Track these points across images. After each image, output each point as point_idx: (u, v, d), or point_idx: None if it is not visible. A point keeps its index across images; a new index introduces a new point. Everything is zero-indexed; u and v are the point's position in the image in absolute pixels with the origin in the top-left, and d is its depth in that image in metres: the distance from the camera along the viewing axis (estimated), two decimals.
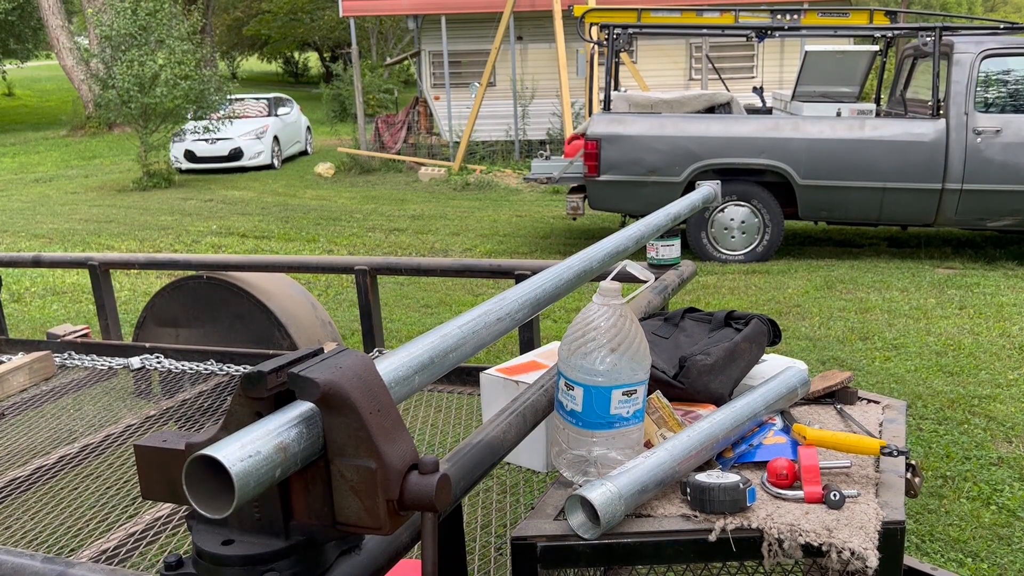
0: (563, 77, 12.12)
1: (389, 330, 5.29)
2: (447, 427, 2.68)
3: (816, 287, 6.41)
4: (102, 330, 3.44)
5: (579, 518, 1.26)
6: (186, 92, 13.18)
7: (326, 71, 30.98)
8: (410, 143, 15.47)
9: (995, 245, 7.85)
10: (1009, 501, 3.15)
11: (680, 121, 7.37)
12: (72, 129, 21.96)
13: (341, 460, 0.86)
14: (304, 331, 3.18)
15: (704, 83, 13.31)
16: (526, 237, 8.78)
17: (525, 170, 11.70)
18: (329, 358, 0.89)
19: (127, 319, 5.22)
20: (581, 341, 1.33)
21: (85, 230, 9.74)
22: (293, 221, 10.05)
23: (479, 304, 1.33)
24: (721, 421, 1.44)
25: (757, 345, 1.72)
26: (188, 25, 13.76)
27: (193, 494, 0.79)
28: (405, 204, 11.09)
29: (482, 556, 2.30)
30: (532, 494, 2.63)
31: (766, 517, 1.27)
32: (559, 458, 1.41)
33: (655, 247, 2.39)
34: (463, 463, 1.24)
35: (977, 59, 6.84)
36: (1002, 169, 6.79)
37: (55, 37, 21.16)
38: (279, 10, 31.48)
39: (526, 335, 2.75)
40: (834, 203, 7.20)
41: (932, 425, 3.85)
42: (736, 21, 7.82)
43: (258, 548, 0.87)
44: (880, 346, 4.99)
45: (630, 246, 1.97)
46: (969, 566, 2.75)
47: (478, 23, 14.42)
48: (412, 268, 3.11)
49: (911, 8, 23.68)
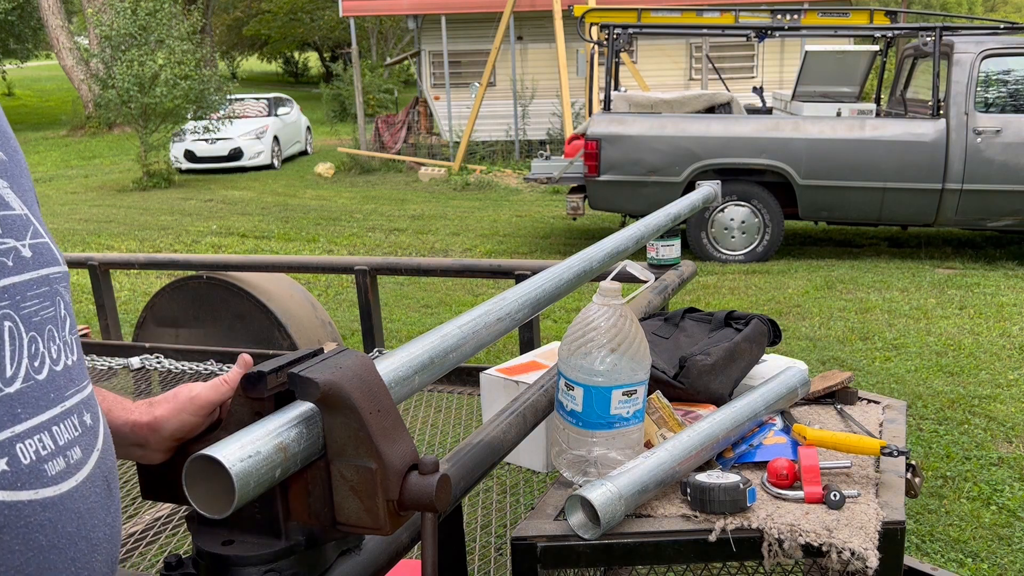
0: (563, 77, 12.12)
1: (389, 330, 5.29)
2: (447, 427, 2.68)
3: (816, 287, 6.41)
4: (102, 330, 3.44)
5: (579, 518, 1.26)
6: (186, 92, 13.17)
7: (326, 71, 30.98)
8: (410, 143, 15.47)
9: (995, 245, 7.85)
10: (1009, 501, 3.15)
11: (680, 121, 7.37)
12: (72, 129, 21.96)
13: (341, 460, 0.86)
14: (304, 331, 3.18)
15: (704, 83, 13.31)
16: (526, 237, 8.78)
17: (525, 170, 11.70)
18: (329, 358, 0.89)
19: (127, 319, 5.22)
20: (581, 341, 1.33)
21: (85, 230, 9.74)
22: (293, 221, 10.04)
23: (479, 304, 1.33)
24: (721, 421, 1.44)
25: (757, 345, 1.72)
26: (188, 25, 13.76)
27: (193, 494, 0.79)
28: (405, 204, 11.09)
29: (482, 556, 2.30)
30: (532, 494, 2.63)
31: (766, 517, 1.27)
32: (559, 458, 1.41)
33: (655, 247, 2.39)
34: (463, 463, 1.24)
35: (977, 59, 6.84)
36: (1002, 169, 6.79)
37: (55, 37, 21.15)
38: (279, 10, 31.47)
39: (526, 335, 2.75)
40: (834, 203, 7.20)
41: (932, 425, 3.85)
42: (736, 21, 7.82)
43: (258, 548, 0.87)
44: (880, 346, 4.99)
45: (630, 246, 1.97)
46: (969, 566, 2.75)
47: (478, 23, 14.42)
48: (412, 268, 3.11)
49: (911, 8, 23.67)
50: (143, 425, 0.94)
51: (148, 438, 0.95)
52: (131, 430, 0.94)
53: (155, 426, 0.95)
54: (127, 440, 0.94)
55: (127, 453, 0.95)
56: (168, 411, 0.96)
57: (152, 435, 0.95)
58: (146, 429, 0.94)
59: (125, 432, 0.93)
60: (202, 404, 0.96)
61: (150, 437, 0.95)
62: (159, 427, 0.95)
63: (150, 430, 0.94)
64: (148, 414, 0.95)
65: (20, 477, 0.66)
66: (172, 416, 0.95)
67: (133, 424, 0.94)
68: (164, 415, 0.95)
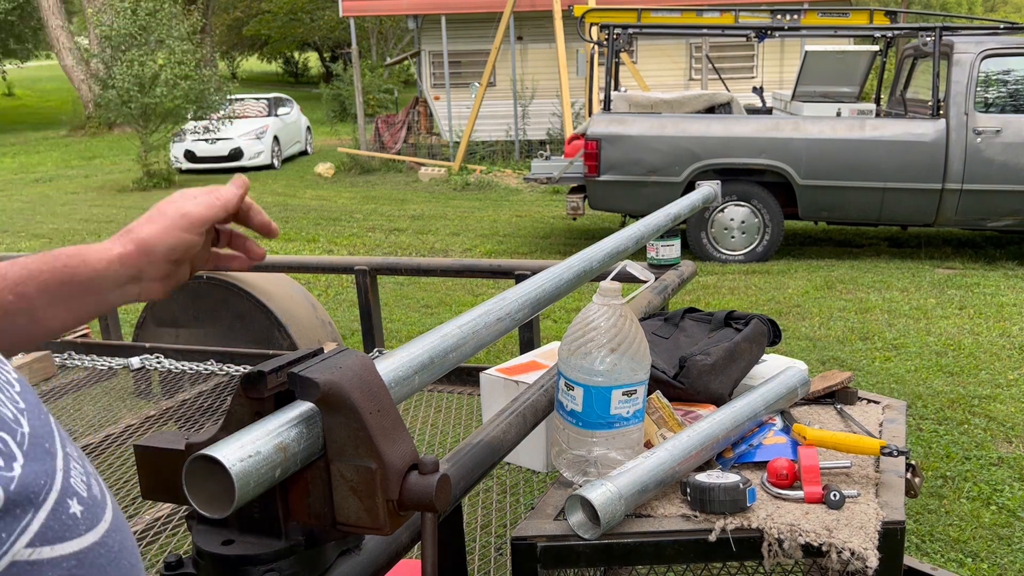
0: (563, 77, 12.11)
1: (389, 330, 5.29)
2: (447, 427, 2.68)
3: (816, 287, 6.41)
4: (102, 330, 3.44)
5: (579, 518, 1.26)
6: (186, 92, 13.18)
7: (326, 71, 30.98)
8: (410, 143, 15.47)
9: (995, 245, 7.85)
10: (1009, 501, 3.15)
11: (680, 121, 7.37)
12: (72, 129, 21.97)
13: (341, 460, 0.86)
14: (304, 331, 3.18)
15: (704, 83, 13.31)
16: (526, 237, 8.78)
17: (525, 170, 11.70)
18: (329, 358, 0.89)
19: (127, 319, 5.22)
20: (581, 341, 1.33)
21: (85, 230, 9.74)
22: (293, 221, 10.05)
23: (479, 304, 1.33)
24: (721, 421, 1.44)
25: (757, 345, 1.72)
26: (188, 25, 13.76)
27: (193, 494, 0.79)
28: (405, 204, 11.09)
29: (482, 556, 2.30)
30: (532, 494, 2.63)
31: (766, 517, 1.27)
32: (559, 458, 1.41)
33: (655, 247, 2.39)
34: (463, 463, 1.24)
35: (977, 59, 6.84)
36: (1002, 169, 6.79)
37: (55, 37, 21.16)
38: (279, 10, 31.47)
39: (526, 335, 2.75)
40: (834, 203, 7.20)
41: (932, 425, 3.85)
42: (736, 21, 7.82)
43: (258, 548, 0.87)
44: (880, 346, 4.99)
45: (630, 246, 1.97)
46: (969, 566, 2.75)
47: (478, 23, 14.41)
48: (412, 268, 3.11)
49: (911, 8, 23.67)
50: (130, 254, 0.86)
51: (141, 265, 0.87)
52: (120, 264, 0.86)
53: (146, 248, 0.87)
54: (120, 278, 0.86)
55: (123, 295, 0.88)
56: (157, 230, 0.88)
57: (145, 260, 0.87)
58: (135, 256, 0.87)
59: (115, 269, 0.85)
60: (194, 220, 0.89)
61: (143, 264, 0.87)
62: (151, 248, 0.87)
63: (141, 255, 0.87)
64: (131, 241, 0.87)
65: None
66: (164, 234, 0.88)
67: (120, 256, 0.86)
68: (154, 234, 0.88)
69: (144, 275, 0.88)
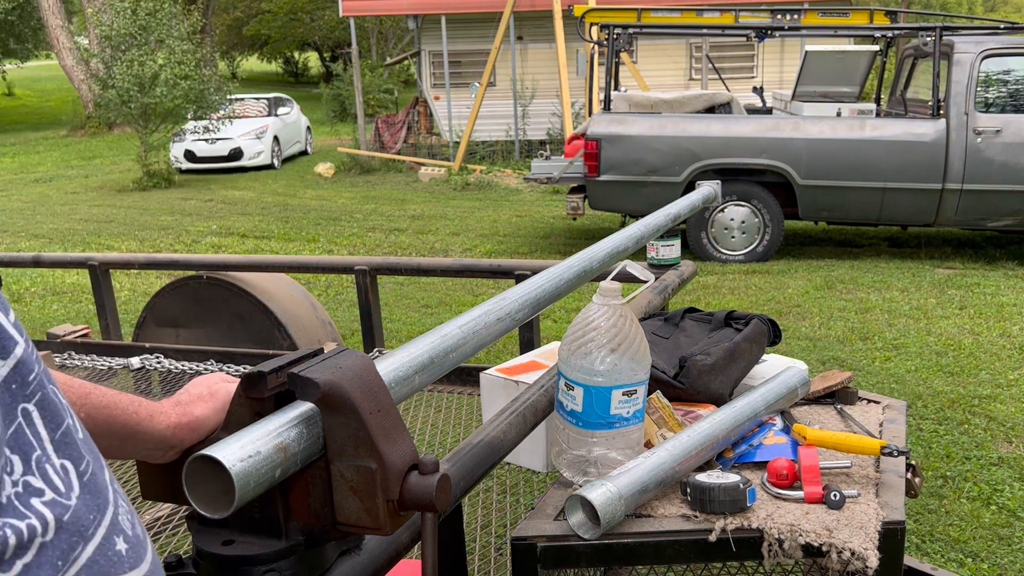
0: (563, 77, 12.11)
1: (389, 330, 5.28)
2: (447, 427, 2.68)
3: (816, 287, 6.41)
4: (102, 330, 3.44)
5: (579, 518, 1.26)
6: (186, 92, 13.17)
7: (326, 71, 30.95)
8: (410, 143, 15.46)
9: (995, 245, 7.85)
10: (1009, 501, 3.15)
11: (680, 121, 7.37)
12: (72, 129, 21.96)
13: (341, 460, 0.86)
14: (304, 331, 3.18)
15: (704, 83, 13.31)
16: (526, 237, 8.78)
17: (525, 170, 11.70)
18: (329, 358, 0.89)
19: (127, 319, 5.22)
20: (581, 341, 1.33)
21: (85, 230, 9.74)
22: (293, 221, 10.04)
23: (479, 304, 1.33)
24: (721, 421, 1.44)
25: (757, 345, 1.72)
26: (188, 25, 13.75)
27: (193, 494, 0.79)
28: (405, 204, 11.09)
29: (482, 556, 2.30)
30: (532, 494, 2.63)
31: (766, 517, 1.27)
32: (559, 458, 1.41)
33: (655, 247, 2.39)
34: (463, 463, 1.24)
35: (977, 59, 6.84)
36: (1002, 169, 6.79)
37: (55, 37, 21.15)
38: (279, 10, 31.46)
39: (526, 335, 2.75)
40: (834, 203, 7.20)
41: (932, 425, 3.84)
42: (736, 21, 7.82)
43: (258, 548, 0.87)
44: (880, 346, 4.99)
45: (630, 246, 1.97)
46: (969, 566, 2.75)
47: (478, 23, 14.41)
48: (412, 268, 3.11)
49: (911, 8, 23.67)
50: (184, 426, 0.93)
51: (185, 439, 0.94)
52: (172, 433, 0.92)
53: (195, 426, 0.94)
54: (164, 443, 0.92)
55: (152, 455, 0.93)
56: (210, 412, 0.95)
57: (191, 436, 0.93)
58: (186, 430, 0.93)
59: (166, 436, 0.92)
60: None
61: (188, 438, 0.94)
62: (198, 427, 0.94)
63: (190, 431, 0.93)
64: (186, 415, 0.94)
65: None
66: (214, 415, 0.95)
67: (175, 427, 0.92)
68: (205, 415, 0.95)
69: (182, 446, 0.94)
